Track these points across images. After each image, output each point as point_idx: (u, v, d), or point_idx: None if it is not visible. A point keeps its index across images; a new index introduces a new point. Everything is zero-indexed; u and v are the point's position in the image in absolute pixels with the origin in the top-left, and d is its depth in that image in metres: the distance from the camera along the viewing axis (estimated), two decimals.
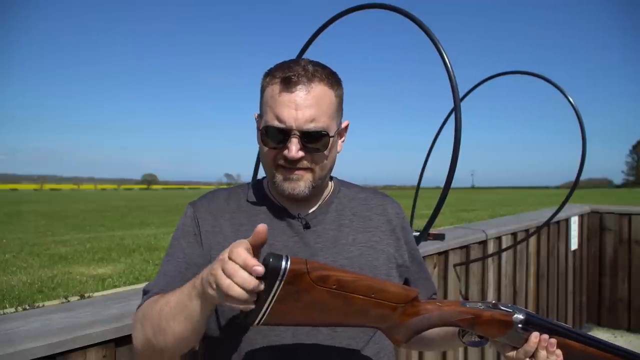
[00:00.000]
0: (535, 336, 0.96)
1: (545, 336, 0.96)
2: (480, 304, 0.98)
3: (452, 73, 1.67)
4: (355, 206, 1.24)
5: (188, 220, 1.17)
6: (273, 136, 1.07)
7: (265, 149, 1.10)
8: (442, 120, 3.22)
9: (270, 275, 0.76)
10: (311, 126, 1.06)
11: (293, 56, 2.04)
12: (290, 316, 0.82)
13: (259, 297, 0.79)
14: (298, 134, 1.05)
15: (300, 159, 1.08)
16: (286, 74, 1.06)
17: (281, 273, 0.76)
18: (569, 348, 0.99)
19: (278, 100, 1.06)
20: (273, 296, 0.78)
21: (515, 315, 0.96)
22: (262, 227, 0.80)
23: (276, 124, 1.06)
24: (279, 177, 1.11)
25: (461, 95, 3.04)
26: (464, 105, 3.14)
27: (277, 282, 0.77)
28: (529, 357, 0.97)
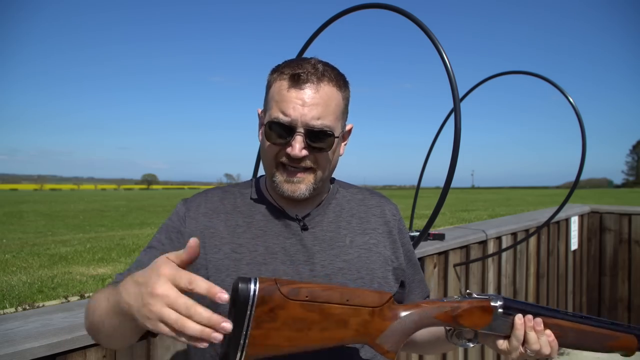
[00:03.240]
0: (519, 318, 0.96)
1: (530, 316, 0.96)
2: (456, 296, 0.99)
3: (451, 73, 1.67)
4: (353, 207, 1.23)
5: (175, 218, 1.15)
6: (277, 131, 1.05)
7: (268, 144, 1.08)
8: (442, 120, 3.22)
9: (241, 301, 0.75)
10: (317, 123, 1.04)
11: (293, 56, 2.04)
12: (271, 341, 0.80)
13: (233, 329, 0.73)
14: (303, 131, 1.04)
15: (303, 158, 1.06)
16: (295, 71, 1.04)
17: (251, 295, 0.75)
18: (559, 327, 0.98)
19: (285, 95, 1.04)
20: (248, 321, 0.76)
21: (493, 300, 0.97)
22: (193, 241, 0.74)
23: (282, 118, 1.04)
24: (279, 177, 1.09)
25: (461, 95, 3.05)
26: (464, 105, 3.15)
27: (249, 306, 0.75)
28: (522, 345, 0.97)
